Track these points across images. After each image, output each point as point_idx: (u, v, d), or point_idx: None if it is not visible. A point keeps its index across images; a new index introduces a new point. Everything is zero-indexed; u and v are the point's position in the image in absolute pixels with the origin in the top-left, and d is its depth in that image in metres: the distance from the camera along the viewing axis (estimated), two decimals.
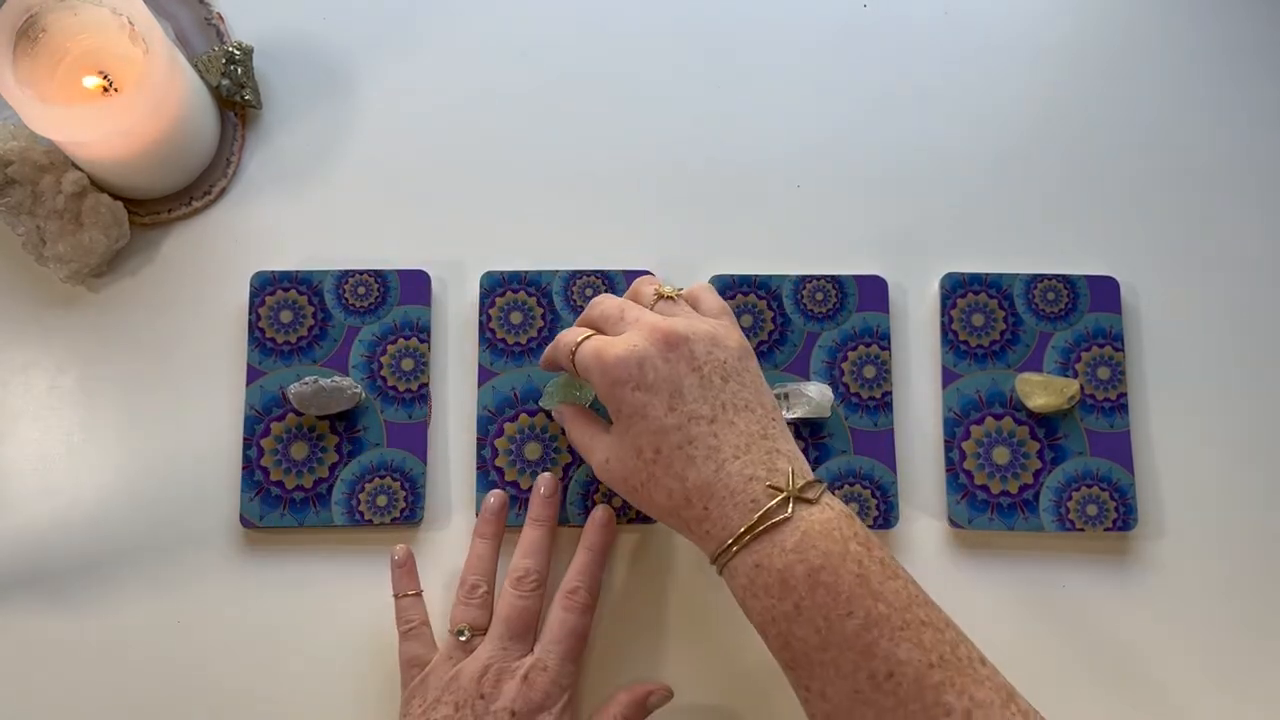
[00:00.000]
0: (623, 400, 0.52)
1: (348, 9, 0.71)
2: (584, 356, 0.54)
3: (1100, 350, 0.65)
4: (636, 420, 0.51)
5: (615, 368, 0.52)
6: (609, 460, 0.53)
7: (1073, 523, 0.62)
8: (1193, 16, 0.71)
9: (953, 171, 0.69)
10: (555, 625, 0.58)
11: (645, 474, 0.51)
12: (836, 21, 0.71)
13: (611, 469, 0.53)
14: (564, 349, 0.56)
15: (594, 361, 0.53)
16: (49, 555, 0.63)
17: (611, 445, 0.54)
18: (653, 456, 0.51)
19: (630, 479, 0.52)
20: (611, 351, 0.52)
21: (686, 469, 0.50)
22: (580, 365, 0.54)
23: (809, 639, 0.46)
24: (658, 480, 0.51)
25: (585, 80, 0.70)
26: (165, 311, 0.66)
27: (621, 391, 0.51)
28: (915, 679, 0.45)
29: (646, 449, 0.51)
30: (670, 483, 0.50)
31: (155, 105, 0.61)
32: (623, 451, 0.52)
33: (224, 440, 0.64)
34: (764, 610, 0.48)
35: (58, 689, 0.61)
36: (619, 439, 0.53)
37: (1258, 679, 0.62)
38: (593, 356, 0.53)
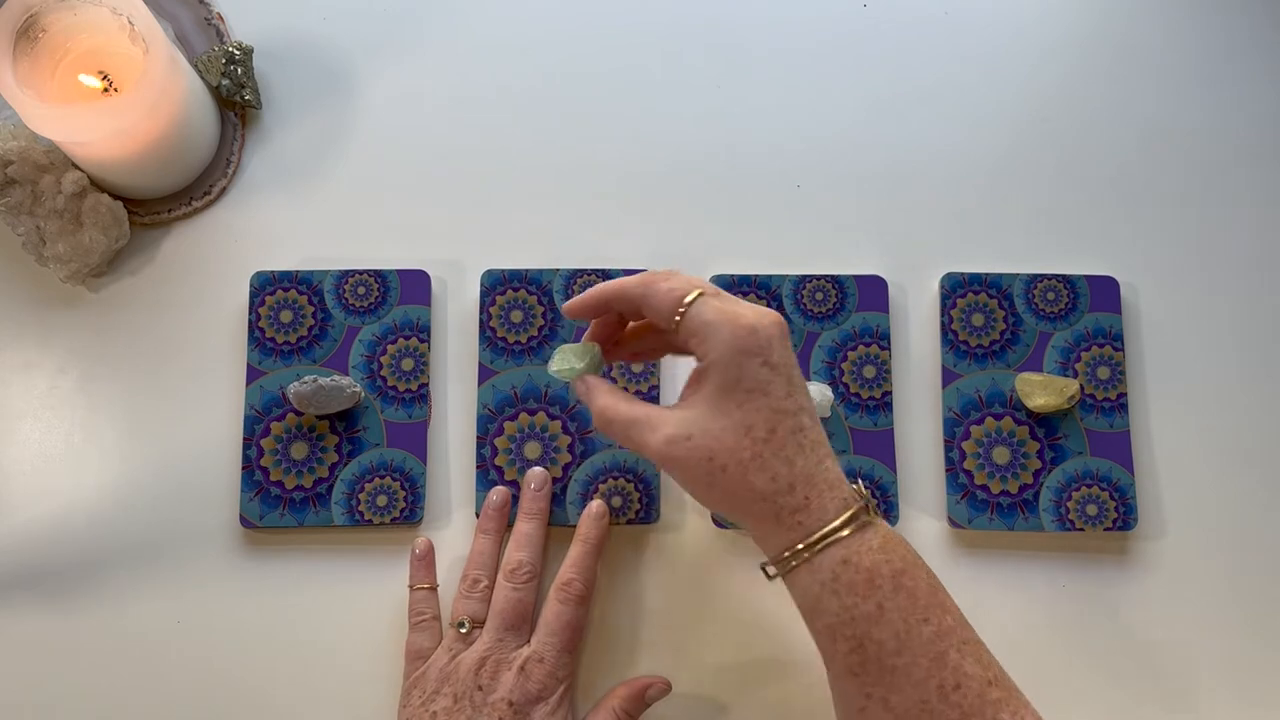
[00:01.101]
0: (746, 372, 0.47)
1: (348, 9, 0.71)
2: (705, 312, 0.48)
3: (1100, 350, 0.65)
4: (756, 396, 0.47)
5: (748, 335, 0.48)
6: (693, 435, 0.48)
7: (1073, 523, 0.62)
8: (1192, 17, 0.71)
9: (953, 171, 0.69)
10: (551, 617, 0.58)
11: (749, 453, 0.47)
12: (836, 21, 0.71)
13: (695, 446, 0.48)
14: (671, 297, 0.50)
15: (722, 321, 0.48)
16: (49, 555, 0.63)
17: (700, 418, 0.48)
18: (765, 436, 0.47)
19: (723, 457, 0.48)
20: (746, 318, 0.48)
21: (796, 455, 0.48)
22: (697, 320, 0.48)
23: (886, 642, 0.46)
24: (764, 461, 0.47)
25: (585, 80, 0.70)
26: (165, 311, 0.66)
27: (749, 362, 0.47)
28: (978, 694, 0.45)
29: (760, 427, 0.47)
30: (778, 466, 0.47)
31: (155, 105, 0.61)
32: (724, 425, 0.48)
33: (224, 440, 0.64)
34: (843, 610, 0.46)
35: (58, 689, 0.61)
36: (720, 411, 0.48)
37: (1258, 678, 0.62)
38: (722, 316, 0.48)
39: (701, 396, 0.49)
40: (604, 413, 0.52)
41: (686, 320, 0.49)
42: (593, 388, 0.53)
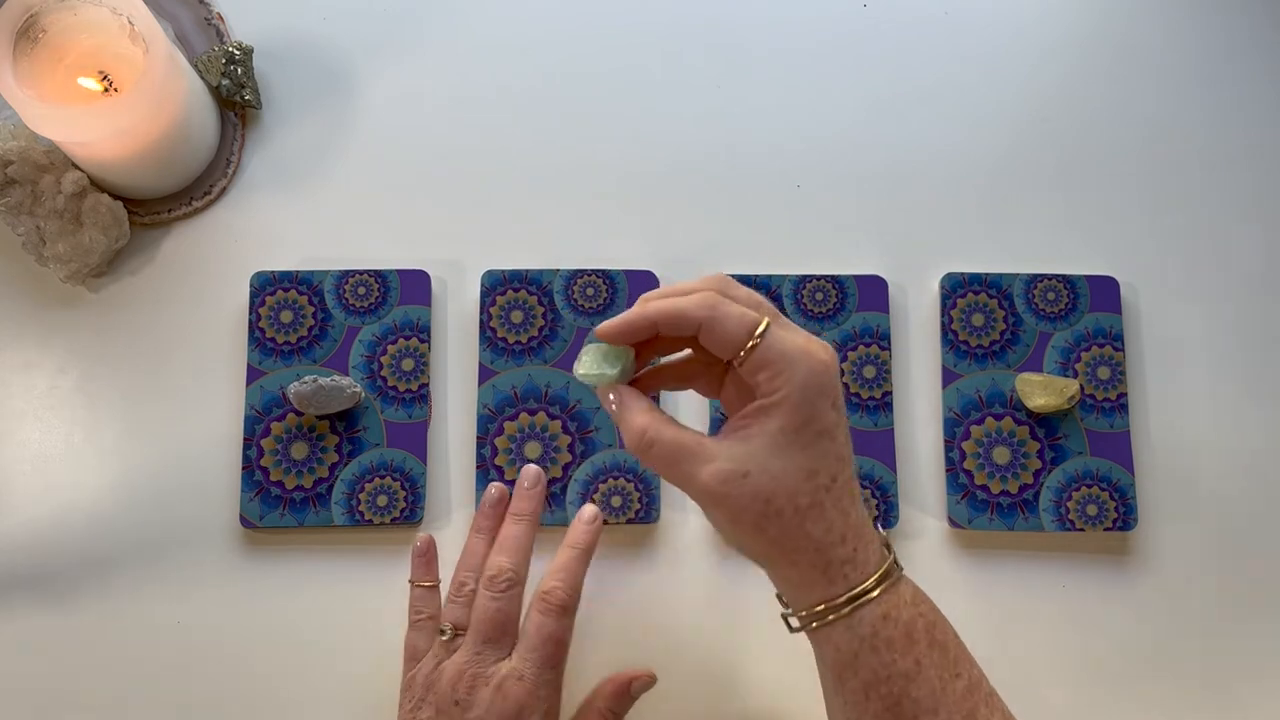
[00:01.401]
0: (817, 413, 0.43)
1: (348, 9, 0.71)
2: (783, 345, 0.43)
3: (1100, 350, 0.65)
4: (824, 440, 0.44)
5: (824, 375, 0.44)
6: (750, 473, 0.43)
7: (1073, 523, 0.62)
8: (1192, 17, 0.71)
9: (953, 171, 0.69)
10: (531, 630, 0.54)
11: (809, 500, 0.44)
12: (836, 21, 0.71)
13: (753, 484, 0.43)
14: (744, 324, 0.44)
15: (802, 358, 0.43)
16: (49, 555, 0.63)
17: (760, 456, 0.44)
18: (828, 483, 0.44)
19: (781, 501, 0.44)
20: (820, 354, 0.44)
21: (851, 506, 0.45)
22: (772, 353, 0.43)
23: (923, 700, 0.44)
24: (822, 510, 0.44)
25: (585, 80, 0.70)
26: (165, 311, 0.66)
27: (822, 402, 0.43)
28: None
29: (824, 473, 0.44)
30: (835, 518, 0.44)
31: (155, 105, 0.60)
32: (787, 468, 0.43)
33: (224, 440, 0.64)
34: (881, 667, 0.44)
35: (58, 689, 0.61)
36: (782, 451, 0.44)
37: (1257, 678, 0.62)
38: (798, 351, 0.43)
39: (763, 432, 0.44)
40: (644, 434, 0.45)
41: (760, 352, 0.43)
42: (627, 402, 0.47)
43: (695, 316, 0.44)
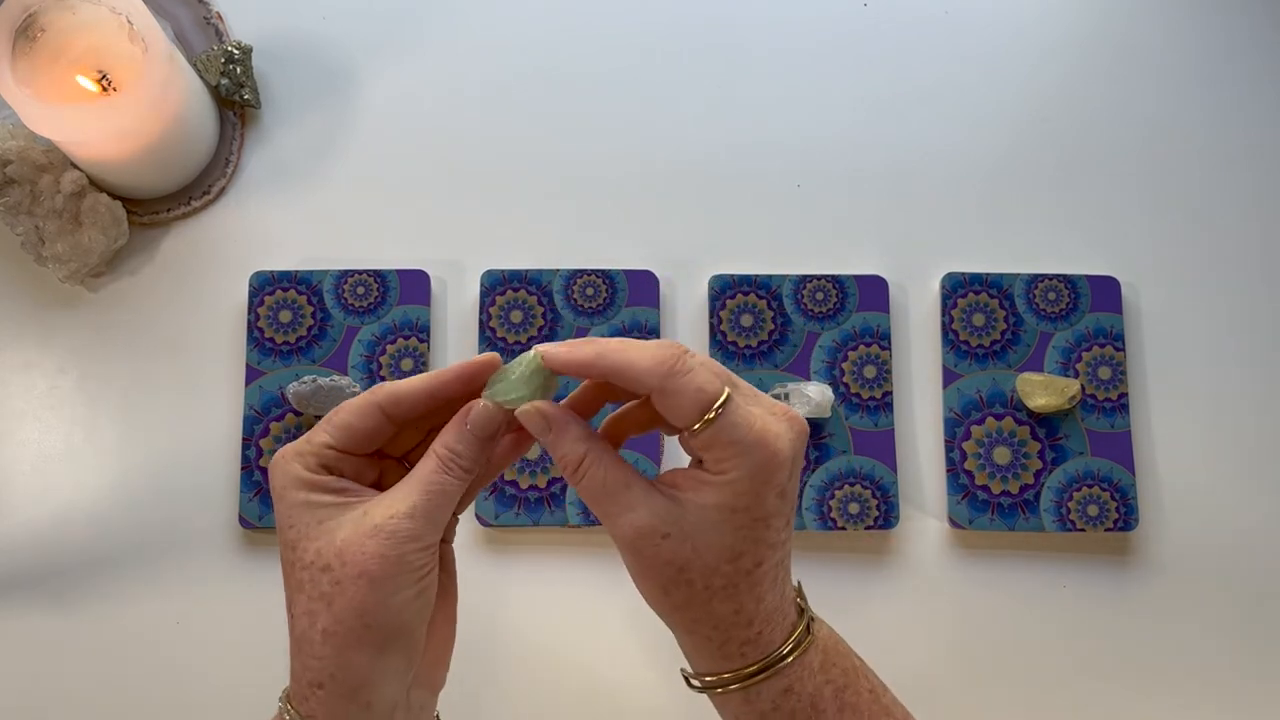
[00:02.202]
0: (758, 501, 0.40)
1: (348, 9, 0.70)
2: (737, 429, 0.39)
3: (1101, 350, 0.65)
4: (758, 527, 0.40)
5: (775, 465, 0.40)
6: (671, 536, 0.40)
7: (1073, 523, 0.62)
8: (1192, 17, 0.71)
9: (953, 171, 0.69)
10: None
11: (724, 581, 0.40)
12: (836, 21, 0.71)
13: (669, 547, 0.40)
14: (700, 398, 0.39)
15: (754, 443, 0.39)
16: (49, 555, 0.63)
17: (688, 524, 0.40)
18: (751, 567, 0.41)
19: (697, 574, 0.41)
20: (781, 441, 0.40)
21: (768, 592, 0.42)
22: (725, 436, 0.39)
23: None
24: (735, 593, 0.41)
25: (585, 80, 0.70)
26: (164, 311, 0.66)
27: (766, 492, 0.40)
28: None
29: (748, 558, 0.41)
30: (747, 602, 0.41)
31: (154, 105, 0.60)
32: (714, 544, 0.40)
33: (223, 440, 0.64)
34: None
35: (58, 689, 0.61)
36: (711, 527, 0.40)
37: (1257, 679, 0.62)
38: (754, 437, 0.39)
39: (697, 503, 0.40)
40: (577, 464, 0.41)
41: (712, 432, 0.39)
42: (560, 425, 0.41)
43: (648, 382, 0.40)
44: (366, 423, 0.41)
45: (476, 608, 0.61)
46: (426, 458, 0.41)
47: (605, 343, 0.41)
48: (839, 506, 0.62)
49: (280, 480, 0.41)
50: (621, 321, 0.65)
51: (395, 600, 0.39)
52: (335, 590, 0.39)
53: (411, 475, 0.41)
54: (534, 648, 0.62)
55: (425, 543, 0.40)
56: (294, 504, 0.41)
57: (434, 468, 0.41)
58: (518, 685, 0.61)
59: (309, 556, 0.40)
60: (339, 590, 0.39)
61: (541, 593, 0.62)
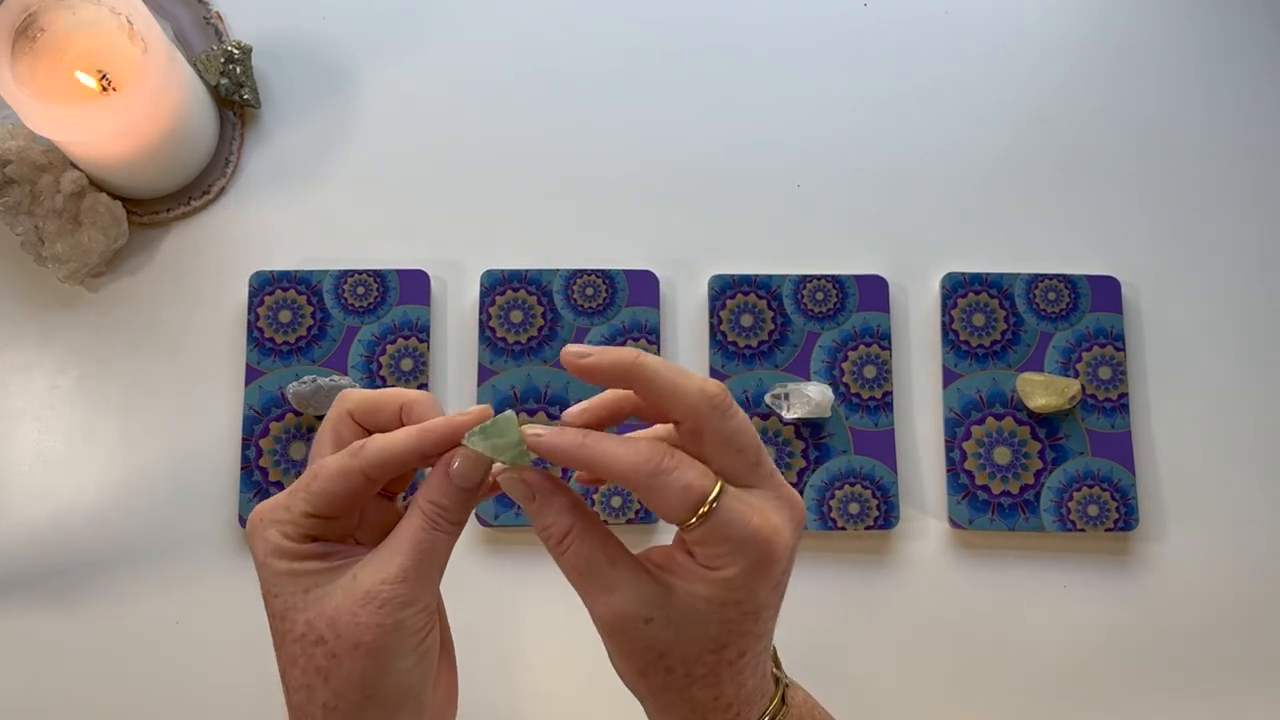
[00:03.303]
0: (750, 596, 0.38)
1: (348, 9, 0.70)
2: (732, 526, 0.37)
3: (1101, 350, 0.65)
4: (747, 619, 0.39)
5: (771, 564, 0.38)
6: (654, 621, 0.38)
7: (1074, 523, 0.62)
8: (1192, 17, 0.71)
9: (953, 171, 0.69)
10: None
11: (706, 669, 0.39)
12: (836, 21, 0.71)
13: (652, 635, 0.38)
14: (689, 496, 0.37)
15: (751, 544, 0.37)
16: (49, 555, 0.63)
17: (666, 606, 0.38)
18: (734, 658, 0.39)
19: (674, 659, 0.39)
20: (777, 540, 0.38)
21: (749, 678, 0.40)
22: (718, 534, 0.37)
23: None
24: (718, 681, 0.39)
25: (585, 80, 0.70)
26: (164, 311, 0.66)
27: (760, 587, 0.38)
28: None
29: (732, 649, 0.39)
30: (728, 688, 0.40)
31: (154, 104, 0.60)
32: (694, 634, 0.39)
33: (223, 440, 0.64)
34: None
35: (58, 689, 0.61)
36: (695, 618, 0.38)
37: (1258, 679, 0.62)
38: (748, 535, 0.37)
39: (684, 591, 0.38)
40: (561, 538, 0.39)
41: (706, 529, 0.37)
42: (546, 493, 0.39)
43: (632, 481, 0.38)
44: (349, 488, 0.38)
45: (475, 608, 0.61)
46: (412, 513, 0.39)
47: (587, 436, 0.39)
48: (839, 506, 0.62)
49: (261, 548, 0.38)
50: (622, 321, 0.65)
51: (397, 668, 0.38)
52: (332, 664, 0.37)
53: (398, 532, 0.39)
54: (533, 648, 0.62)
55: (421, 605, 0.38)
56: (277, 573, 0.38)
57: (420, 524, 0.39)
58: (517, 685, 0.61)
59: (299, 629, 0.38)
60: (336, 664, 0.37)
61: (541, 593, 0.62)
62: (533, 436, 0.39)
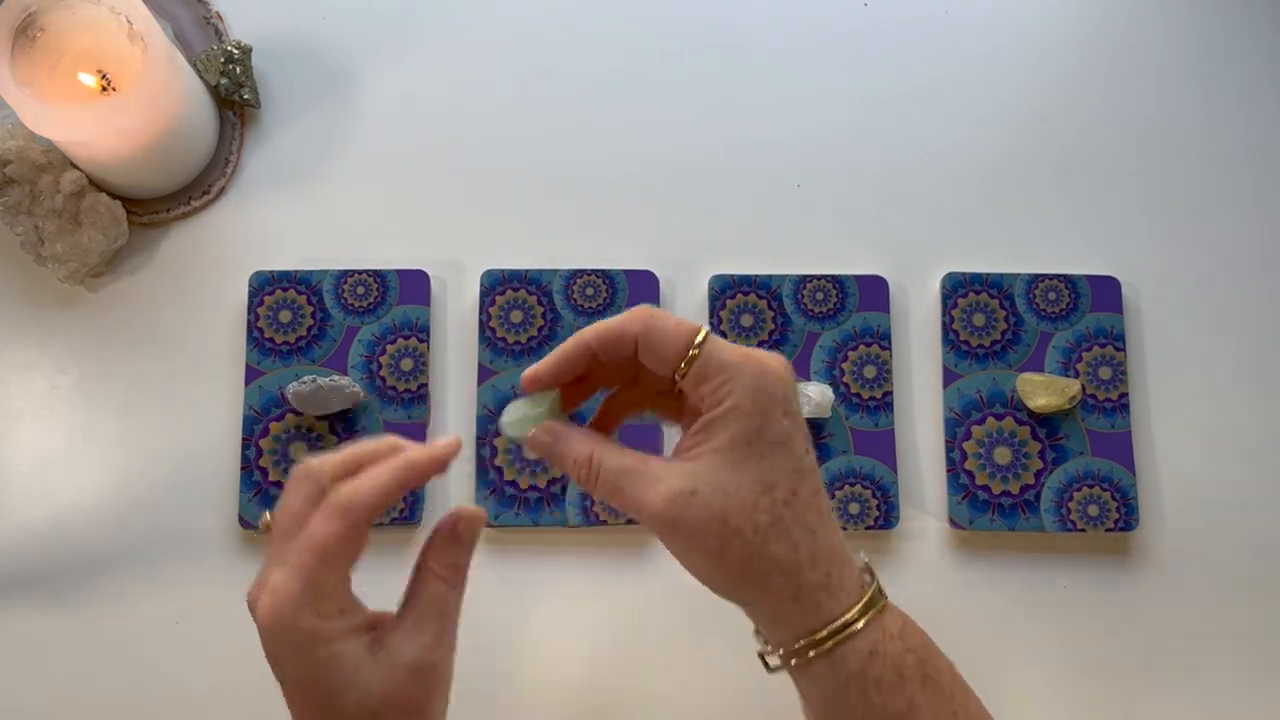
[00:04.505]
0: (768, 422, 0.40)
1: (348, 9, 0.70)
2: (725, 353, 0.40)
3: (1101, 350, 0.65)
4: (778, 451, 0.40)
5: (774, 381, 0.40)
6: (698, 491, 0.40)
7: (1074, 523, 0.62)
8: (1192, 17, 0.71)
9: (953, 171, 0.69)
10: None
11: (769, 516, 0.40)
12: (837, 21, 0.71)
13: (702, 502, 0.40)
14: (681, 335, 0.41)
15: (744, 363, 0.40)
16: (49, 555, 0.63)
17: (709, 472, 0.40)
18: (787, 497, 0.40)
19: (738, 519, 0.40)
20: (767, 359, 0.41)
21: (818, 523, 0.40)
22: (713, 362, 0.40)
23: None
24: (784, 527, 0.40)
25: (585, 80, 0.70)
26: (164, 311, 0.66)
27: (773, 411, 0.40)
28: None
29: (782, 486, 0.40)
30: (799, 534, 0.40)
31: (154, 104, 0.60)
32: (739, 482, 0.40)
33: (223, 440, 0.64)
34: (870, 710, 0.40)
35: (58, 689, 0.61)
36: (734, 465, 0.40)
37: (1258, 679, 0.62)
38: (742, 357, 0.40)
39: (712, 449, 0.40)
40: (588, 462, 0.42)
41: (701, 363, 0.40)
42: (564, 433, 0.43)
43: (630, 331, 0.42)
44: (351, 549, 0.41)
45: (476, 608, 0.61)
46: (426, 579, 0.43)
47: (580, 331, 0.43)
48: (839, 507, 0.62)
49: (299, 639, 0.40)
50: None
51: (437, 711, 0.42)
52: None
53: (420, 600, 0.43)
54: (533, 648, 0.62)
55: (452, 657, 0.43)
56: (320, 661, 0.40)
57: (442, 589, 0.43)
58: (517, 685, 0.61)
59: (351, 708, 0.40)
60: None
61: (541, 592, 0.62)
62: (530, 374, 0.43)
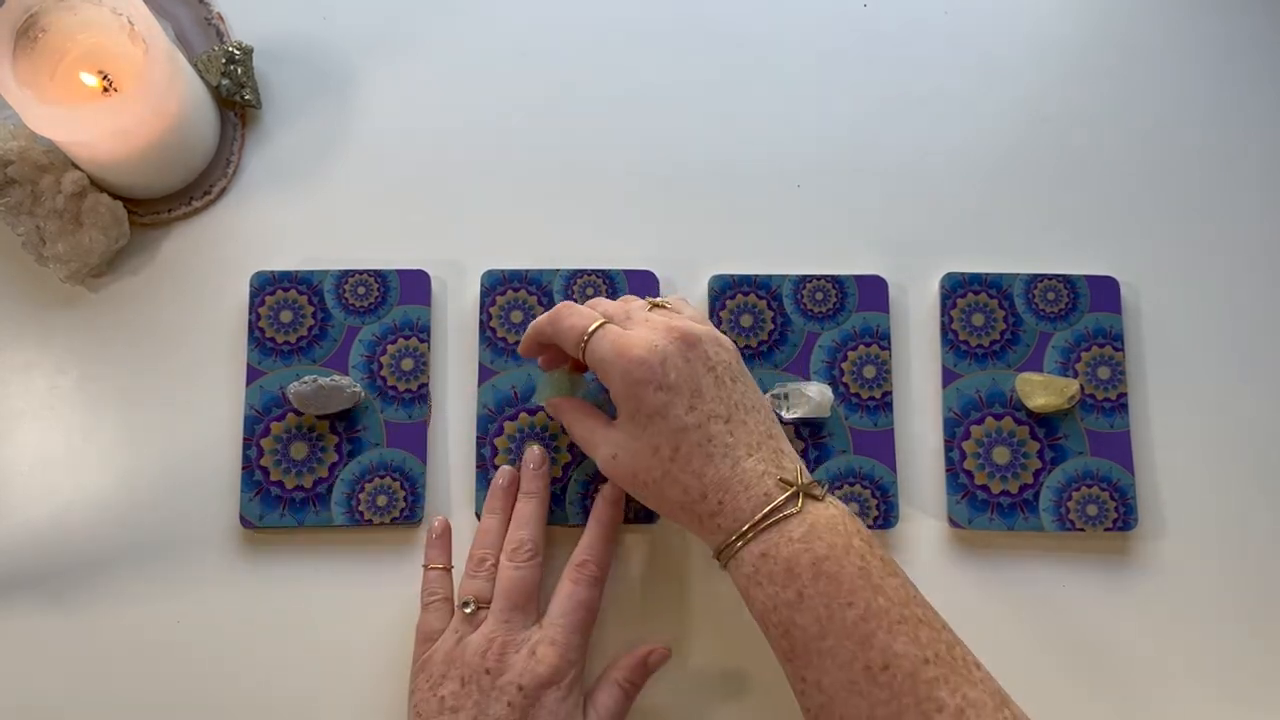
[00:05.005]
0: (643, 399, 0.52)
1: (348, 9, 0.71)
2: (600, 349, 0.53)
3: (1100, 350, 0.65)
4: (656, 420, 0.51)
5: (638, 366, 0.51)
6: (617, 455, 0.53)
7: (1073, 523, 0.62)
8: (1192, 17, 0.71)
9: (952, 171, 0.69)
10: (563, 598, 0.57)
11: (660, 471, 0.51)
12: (836, 21, 0.71)
13: (620, 464, 0.53)
14: (572, 334, 0.55)
15: (613, 357, 0.52)
16: (49, 555, 0.63)
17: (622, 441, 0.53)
18: (670, 454, 0.51)
19: (642, 475, 0.52)
20: (634, 349, 0.52)
21: (705, 466, 0.51)
22: (594, 357, 0.54)
23: (809, 627, 0.47)
24: (673, 477, 0.51)
25: (585, 80, 0.70)
26: (165, 311, 0.66)
27: (643, 391, 0.51)
28: (910, 673, 0.45)
29: (665, 447, 0.51)
30: (687, 479, 0.51)
31: (155, 105, 0.60)
32: (636, 447, 0.52)
33: (224, 440, 0.64)
34: (767, 599, 0.49)
35: (58, 689, 0.61)
36: (632, 435, 0.53)
37: (1258, 679, 0.62)
38: (612, 351, 0.52)
39: (620, 422, 0.54)
40: (570, 431, 0.58)
41: (589, 358, 0.54)
42: (559, 407, 0.60)
43: (545, 330, 0.57)
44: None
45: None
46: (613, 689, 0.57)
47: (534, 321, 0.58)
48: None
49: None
50: None
51: None
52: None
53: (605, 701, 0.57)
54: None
55: None
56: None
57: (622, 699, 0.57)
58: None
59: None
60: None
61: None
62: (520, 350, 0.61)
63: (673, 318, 0.54)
